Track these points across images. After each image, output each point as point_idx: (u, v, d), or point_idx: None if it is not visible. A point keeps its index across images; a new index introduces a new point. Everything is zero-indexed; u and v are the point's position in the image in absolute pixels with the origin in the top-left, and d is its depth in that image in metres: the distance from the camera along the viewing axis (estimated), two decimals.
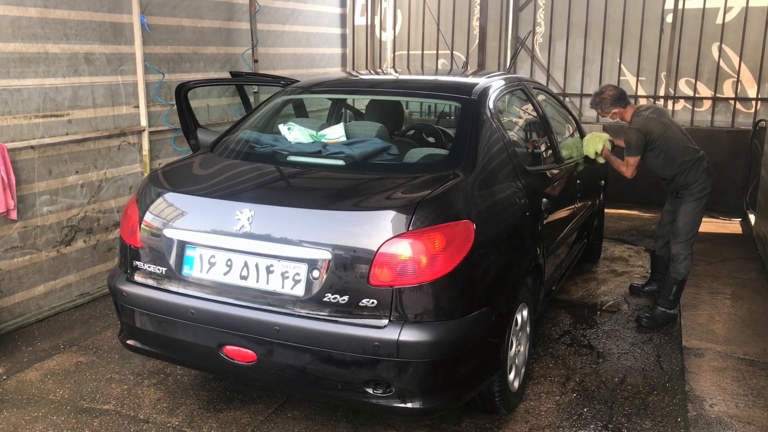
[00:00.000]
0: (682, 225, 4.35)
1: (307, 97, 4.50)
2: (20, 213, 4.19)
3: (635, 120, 4.35)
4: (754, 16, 7.21)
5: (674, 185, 4.42)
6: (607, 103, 4.41)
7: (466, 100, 3.56)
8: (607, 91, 4.45)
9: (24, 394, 3.52)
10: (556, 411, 3.41)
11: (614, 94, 4.43)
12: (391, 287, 2.65)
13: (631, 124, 4.35)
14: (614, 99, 4.40)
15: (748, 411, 3.41)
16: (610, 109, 4.42)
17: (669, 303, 4.39)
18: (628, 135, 4.32)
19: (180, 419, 3.29)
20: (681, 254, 4.35)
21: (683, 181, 4.35)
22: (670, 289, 4.38)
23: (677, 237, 4.37)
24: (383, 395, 2.73)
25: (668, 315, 4.40)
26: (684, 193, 4.37)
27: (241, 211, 2.86)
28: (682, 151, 4.33)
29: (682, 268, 4.36)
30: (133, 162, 5.05)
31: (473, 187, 3.05)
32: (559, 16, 7.98)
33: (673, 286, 4.38)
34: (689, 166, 4.33)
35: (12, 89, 4.09)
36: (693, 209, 4.35)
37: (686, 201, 4.36)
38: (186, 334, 2.98)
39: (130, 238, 3.16)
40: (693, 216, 4.35)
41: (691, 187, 4.34)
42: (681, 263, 4.35)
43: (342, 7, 8.30)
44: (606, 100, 4.42)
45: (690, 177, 4.33)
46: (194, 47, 5.57)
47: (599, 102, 4.46)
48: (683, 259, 4.34)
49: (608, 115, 4.45)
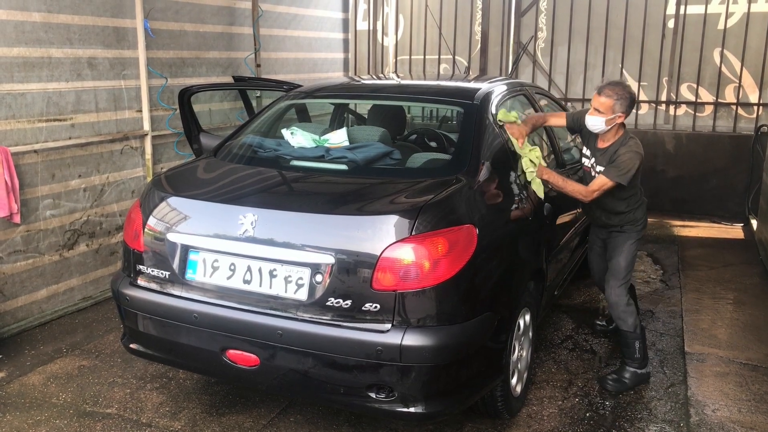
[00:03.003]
0: (625, 264, 3.73)
1: (310, 102, 4.52)
2: (23, 217, 4.20)
3: (636, 143, 3.55)
4: (755, 21, 7.21)
5: (622, 219, 3.74)
6: (626, 103, 3.48)
7: (469, 105, 3.57)
8: (629, 88, 3.54)
9: (27, 397, 3.52)
10: (558, 416, 3.40)
11: (634, 95, 3.56)
12: (394, 292, 2.65)
13: (632, 147, 3.51)
14: (632, 102, 3.52)
15: (750, 416, 3.40)
16: (621, 111, 3.49)
17: (638, 361, 3.73)
18: (631, 159, 3.48)
19: (183, 423, 3.29)
20: (621, 301, 3.71)
21: (633, 217, 3.74)
22: (632, 346, 3.73)
23: (616, 278, 3.73)
24: (386, 399, 2.73)
25: (640, 375, 3.73)
26: (629, 229, 3.75)
27: (245, 216, 2.87)
28: (639, 186, 3.78)
29: (629, 316, 3.70)
30: (136, 166, 5.06)
31: (476, 191, 3.06)
32: (560, 22, 7.99)
33: (635, 341, 3.72)
34: (642, 203, 3.80)
35: (16, 93, 4.11)
36: (634, 247, 3.78)
37: (630, 238, 3.76)
38: (189, 338, 2.98)
39: (134, 242, 3.16)
40: (633, 254, 3.78)
41: (637, 223, 3.76)
42: (624, 311, 3.71)
43: (344, 12, 8.32)
44: (626, 99, 3.47)
45: (638, 213, 3.76)
46: (197, 52, 5.59)
47: (620, 96, 3.46)
48: (626, 305, 3.71)
49: (610, 120, 3.49)
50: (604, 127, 3.52)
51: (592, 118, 3.53)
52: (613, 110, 3.46)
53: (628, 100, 3.47)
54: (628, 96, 3.47)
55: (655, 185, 7.35)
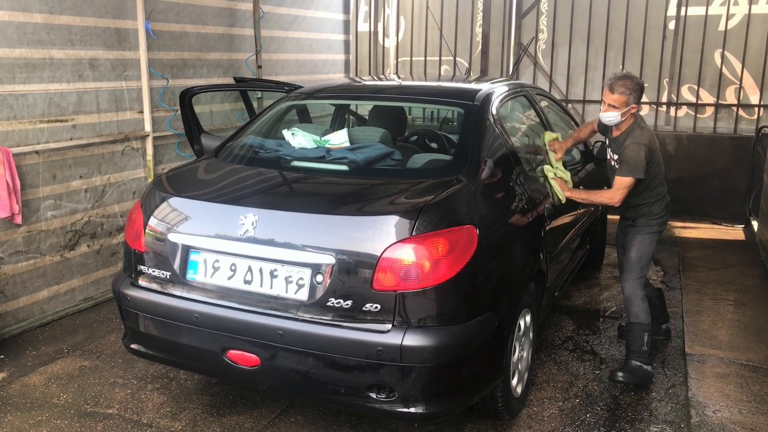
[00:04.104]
0: (636, 258, 3.76)
1: (310, 103, 4.52)
2: (25, 217, 4.21)
3: (641, 133, 3.63)
4: (756, 23, 7.22)
5: (636, 212, 3.80)
6: (638, 94, 3.61)
7: (469, 105, 3.58)
8: (637, 79, 3.64)
9: (28, 398, 3.53)
10: (559, 417, 3.40)
11: (642, 84, 3.67)
12: (394, 292, 2.66)
13: (637, 138, 3.60)
14: (642, 91, 3.65)
15: (751, 417, 3.40)
16: (634, 102, 3.60)
17: (644, 356, 3.71)
18: (635, 152, 3.56)
19: (183, 423, 3.29)
20: (635, 295, 3.75)
21: (647, 211, 3.77)
22: (640, 339, 3.70)
23: (630, 272, 3.77)
24: (386, 400, 2.73)
25: (645, 372, 3.70)
26: (642, 223, 3.79)
27: (246, 216, 2.87)
28: (661, 181, 3.81)
29: (641, 311, 3.73)
30: (137, 167, 5.07)
31: (476, 192, 3.06)
32: (561, 23, 8.00)
33: (643, 333, 3.70)
34: (660, 197, 3.80)
35: (17, 94, 4.11)
36: (649, 241, 3.78)
37: (643, 231, 3.78)
38: (190, 339, 2.98)
39: (135, 242, 3.17)
40: (648, 248, 3.77)
41: (653, 218, 3.78)
42: (637, 305, 3.74)
43: (345, 13, 8.33)
44: (637, 91, 3.60)
45: (655, 208, 3.77)
46: (198, 53, 5.60)
47: (632, 90, 3.58)
48: (640, 300, 3.74)
49: (625, 113, 3.60)
50: (620, 119, 3.65)
51: (607, 114, 3.65)
52: (627, 103, 3.59)
53: (639, 91, 3.61)
54: (639, 87, 3.61)
55: None
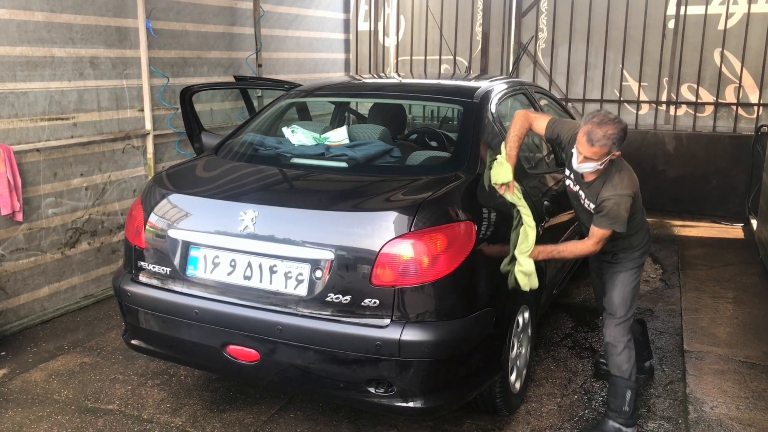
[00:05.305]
0: (620, 300, 3.22)
1: (310, 101, 4.54)
2: (26, 215, 4.23)
3: (621, 179, 3.02)
4: (755, 22, 7.22)
5: (614, 246, 3.22)
6: (621, 141, 2.93)
7: (469, 103, 3.59)
8: (621, 122, 2.95)
9: (29, 394, 3.54)
10: (557, 413, 3.42)
11: (626, 126, 2.99)
12: (393, 287, 2.67)
13: (618, 188, 2.99)
14: (625, 135, 2.95)
15: (748, 413, 3.41)
16: (616, 150, 2.95)
17: (624, 416, 3.15)
18: (617, 205, 2.97)
19: (183, 419, 3.31)
20: (619, 342, 3.19)
21: (626, 244, 3.23)
22: (622, 396, 3.15)
23: (612, 316, 3.23)
24: (385, 394, 2.75)
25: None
26: (622, 258, 3.26)
27: (245, 212, 2.89)
28: (640, 208, 3.25)
29: (625, 362, 3.17)
30: (138, 165, 5.08)
31: (475, 189, 3.08)
32: (561, 22, 8.01)
33: (626, 390, 3.15)
34: (640, 227, 3.26)
35: (18, 92, 4.13)
36: (632, 279, 3.26)
37: (624, 268, 3.26)
38: (190, 334, 3.00)
39: (135, 238, 3.18)
40: (631, 287, 3.25)
41: (633, 250, 3.26)
42: (621, 355, 3.19)
43: (345, 12, 8.35)
44: (620, 138, 2.92)
45: (635, 239, 3.24)
46: (198, 51, 5.62)
47: (615, 140, 2.89)
48: (623, 349, 3.18)
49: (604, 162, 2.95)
50: (599, 167, 3.00)
51: (584, 166, 2.99)
52: (609, 153, 2.93)
53: (621, 138, 2.92)
54: (622, 132, 2.91)
55: (655, 185, 7.37)
